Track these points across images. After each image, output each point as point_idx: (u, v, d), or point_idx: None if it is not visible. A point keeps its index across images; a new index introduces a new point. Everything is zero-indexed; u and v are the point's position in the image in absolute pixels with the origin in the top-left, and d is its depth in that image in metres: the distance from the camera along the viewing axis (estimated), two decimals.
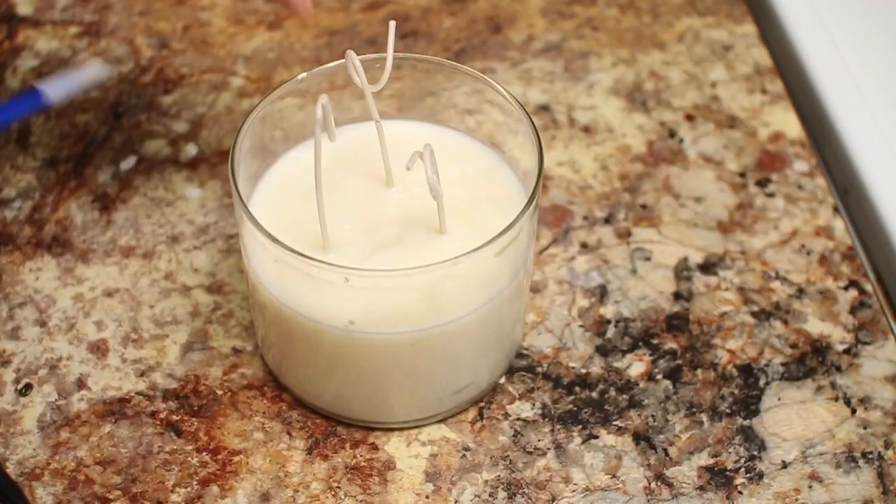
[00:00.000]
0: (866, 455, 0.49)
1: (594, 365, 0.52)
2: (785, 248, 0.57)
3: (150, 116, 0.63)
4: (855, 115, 0.63)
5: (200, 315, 0.54)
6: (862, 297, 0.55)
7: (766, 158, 0.62)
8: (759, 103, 0.65)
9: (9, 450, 0.49)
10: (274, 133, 0.50)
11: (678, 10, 0.71)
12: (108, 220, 0.58)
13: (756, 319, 0.54)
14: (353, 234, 0.47)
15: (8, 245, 0.57)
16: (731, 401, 0.51)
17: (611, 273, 0.56)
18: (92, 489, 0.48)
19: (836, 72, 0.66)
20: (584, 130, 0.63)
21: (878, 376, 0.52)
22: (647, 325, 0.54)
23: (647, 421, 0.50)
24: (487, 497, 0.48)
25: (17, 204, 0.58)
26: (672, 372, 0.52)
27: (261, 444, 0.49)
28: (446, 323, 0.45)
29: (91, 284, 0.55)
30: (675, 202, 0.59)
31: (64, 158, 0.61)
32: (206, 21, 0.69)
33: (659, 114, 0.64)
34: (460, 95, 0.51)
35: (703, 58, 0.67)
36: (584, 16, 0.70)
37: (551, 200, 0.59)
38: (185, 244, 0.57)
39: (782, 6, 0.70)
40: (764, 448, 0.50)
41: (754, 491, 0.48)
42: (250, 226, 0.44)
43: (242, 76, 0.65)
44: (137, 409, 0.50)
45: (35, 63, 0.66)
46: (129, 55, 0.66)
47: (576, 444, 0.50)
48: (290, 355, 0.49)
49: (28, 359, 0.52)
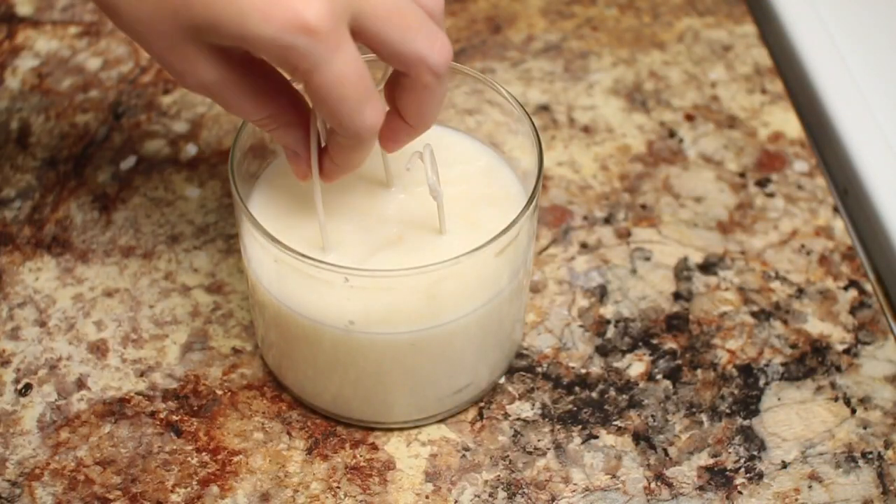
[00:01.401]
0: (866, 455, 0.49)
1: (594, 365, 0.52)
2: (785, 248, 0.57)
3: (150, 116, 0.63)
4: (855, 115, 0.63)
5: (200, 315, 0.54)
6: (862, 297, 0.55)
7: (766, 158, 0.62)
8: (759, 103, 0.65)
9: (9, 450, 0.49)
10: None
11: (678, 10, 0.71)
12: (107, 220, 0.58)
13: (756, 319, 0.54)
14: (353, 234, 0.47)
15: (8, 245, 0.57)
16: (730, 401, 0.51)
17: (611, 273, 0.56)
18: (92, 489, 0.48)
19: (836, 72, 0.66)
20: (583, 130, 0.63)
21: (878, 376, 0.52)
22: (646, 325, 0.54)
23: (647, 421, 0.50)
24: (487, 497, 0.48)
25: (16, 204, 0.58)
26: (672, 372, 0.52)
27: (261, 444, 0.49)
28: (446, 323, 0.45)
29: (91, 284, 0.55)
30: (674, 202, 0.59)
31: (64, 158, 0.61)
32: None
33: (659, 114, 0.64)
34: (460, 95, 0.51)
35: (703, 58, 0.67)
36: (583, 16, 0.70)
37: (551, 200, 0.59)
38: (184, 244, 0.57)
39: (782, 6, 0.70)
40: (764, 448, 0.50)
41: (754, 491, 0.48)
42: (250, 226, 0.44)
43: None
44: (137, 409, 0.50)
45: (35, 63, 0.66)
46: (129, 55, 0.66)
47: (576, 444, 0.50)
48: (289, 355, 0.49)
49: (28, 359, 0.52)
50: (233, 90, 0.42)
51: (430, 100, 0.42)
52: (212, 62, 0.40)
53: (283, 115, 0.43)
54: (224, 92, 0.42)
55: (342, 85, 0.39)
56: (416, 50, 0.40)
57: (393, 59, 0.40)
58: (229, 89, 0.42)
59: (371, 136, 0.41)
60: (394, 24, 0.39)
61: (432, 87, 0.41)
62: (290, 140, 0.44)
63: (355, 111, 0.40)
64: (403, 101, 0.42)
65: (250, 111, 0.43)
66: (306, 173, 0.45)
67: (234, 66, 0.41)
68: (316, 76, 0.38)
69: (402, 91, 0.42)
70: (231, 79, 0.41)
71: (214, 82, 0.41)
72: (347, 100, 0.39)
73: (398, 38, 0.39)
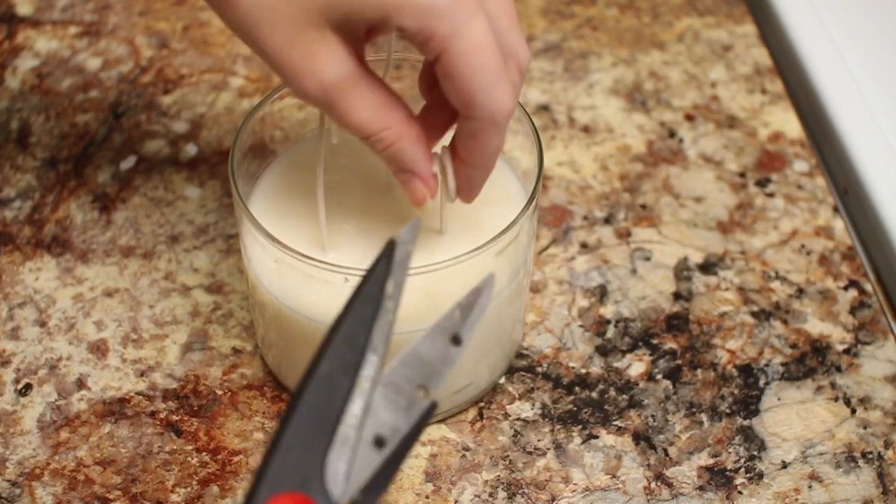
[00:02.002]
0: (866, 455, 0.49)
1: (594, 365, 0.52)
2: (785, 248, 0.57)
3: (150, 116, 0.63)
4: (855, 115, 0.63)
5: (200, 315, 0.54)
6: (862, 297, 0.55)
7: (766, 158, 0.62)
8: (759, 103, 0.65)
9: (9, 450, 0.49)
10: (274, 133, 0.50)
11: (678, 10, 0.71)
12: (107, 220, 0.58)
13: (756, 319, 0.54)
14: (353, 234, 0.47)
15: (8, 245, 0.57)
16: (730, 401, 0.51)
17: (611, 273, 0.56)
18: (92, 489, 0.48)
19: (836, 72, 0.66)
20: (583, 130, 0.63)
21: (878, 376, 0.52)
22: (646, 325, 0.54)
23: (647, 421, 0.50)
24: (487, 497, 0.48)
25: (17, 204, 0.58)
26: (672, 372, 0.52)
27: (261, 444, 0.49)
28: None
29: (91, 284, 0.55)
30: (675, 202, 0.59)
31: (64, 158, 0.61)
32: (205, 21, 0.69)
33: (659, 114, 0.64)
34: None
35: (703, 58, 0.67)
36: (584, 16, 0.70)
37: (551, 200, 0.59)
38: (184, 244, 0.57)
39: (782, 6, 0.70)
40: (764, 448, 0.50)
41: (754, 491, 0.48)
42: (250, 226, 0.44)
43: (242, 76, 0.65)
44: (137, 409, 0.50)
45: (35, 63, 0.66)
46: (129, 55, 0.66)
47: (576, 444, 0.50)
48: (290, 355, 0.49)
49: (28, 359, 0.52)
50: (355, 93, 0.39)
51: (497, 141, 0.40)
52: (337, 54, 0.38)
53: (402, 127, 0.40)
54: (346, 94, 0.39)
55: (480, 53, 0.37)
56: (500, 100, 0.38)
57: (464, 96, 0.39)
58: (352, 91, 0.39)
59: (506, 119, 0.39)
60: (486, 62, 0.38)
61: (501, 131, 0.40)
62: (409, 157, 0.41)
63: (491, 85, 0.38)
64: (469, 144, 0.40)
65: (369, 120, 0.39)
66: (425, 194, 0.42)
67: (358, 62, 0.39)
68: (455, 42, 0.37)
69: (467, 137, 0.40)
70: (354, 77, 0.39)
71: (337, 81, 0.38)
72: (484, 71, 0.37)
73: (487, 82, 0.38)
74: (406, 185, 0.42)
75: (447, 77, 0.38)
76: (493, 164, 0.42)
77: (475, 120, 0.39)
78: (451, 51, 0.37)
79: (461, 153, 0.41)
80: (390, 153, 0.41)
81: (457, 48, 0.37)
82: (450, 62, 0.37)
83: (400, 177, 0.42)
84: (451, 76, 0.38)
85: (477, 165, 0.41)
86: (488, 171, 0.42)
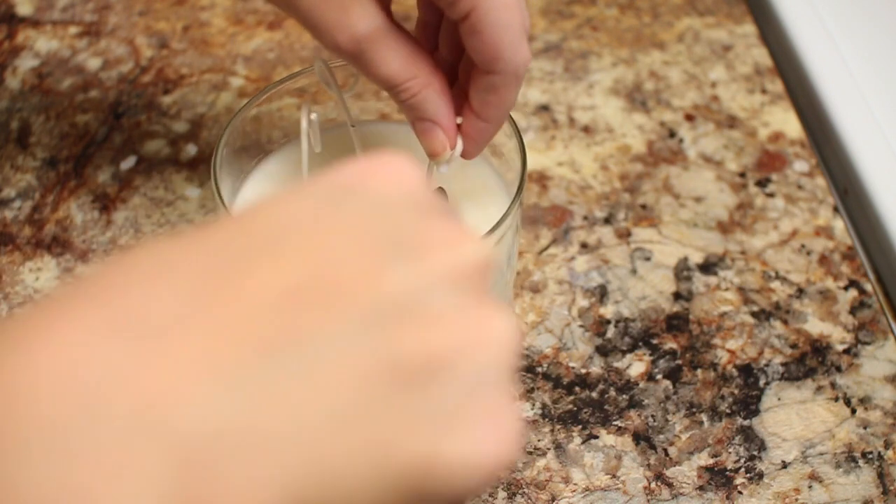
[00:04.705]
0: (866, 455, 0.49)
1: (594, 365, 0.52)
2: (785, 248, 0.57)
3: (150, 116, 0.63)
4: (855, 115, 0.63)
5: None
6: (862, 297, 0.55)
7: (766, 158, 0.62)
8: (759, 103, 0.65)
9: None
10: (261, 133, 0.50)
11: (678, 10, 0.71)
12: (108, 220, 0.58)
13: (756, 319, 0.54)
14: None
15: (8, 245, 0.57)
16: (731, 401, 0.51)
17: (611, 273, 0.56)
18: None
19: (836, 72, 0.66)
20: (584, 130, 0.63)
21: (878, 376, 0.52)
22: (647, 325, 0.54)
23: (647, 421, 0.50)
24: (487, 497, 0.48)
25: (17, 204, 0.58)
26: (672, 372, 0.52)
27: None
28: None
29: None
30: (675, 202, 0.59)
31: (64, 158, 0.61)
32: (206, 21, 0.69)
33: (659, 114, 0.64)
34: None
35: (703, 58, 0.67)
36: (584, 16, 0.70)
37: (551, 200, 0.59)
38: None
39: (782, 6, 0.70)
40: (764, 448, 0.50)
41: (754, 491, 0.48)
42: None
43: (242, 76, 0.65)
44: None
45: (35, 63, 0.66)
46: (129, 55, 0.66)
47: (576, 444, 0.50)
48: None
49: None
50: (385, 44, 0.41)
51: (514, 95, 0.42)
52: (367, 8, 0.40)
53: (428, 77, 0.42)
54: (376, 45, 0.40)
55: (508, 10, 0.39)
56: (525, 54, 0.40)
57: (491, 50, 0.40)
58: (382, 42, 0.41)
59: (524, 74, 0.41)
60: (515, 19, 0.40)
61: (520, 84, 0.41)
62: (433, 106, 0.43)
63: (518, 40, 0.39)
64: (487, 99, 0.42)
65: (398, 71, 0.41)
66: (445, 144, 0.43)
67: (387, 14, 0.41)
68: (486, 0, 0.38)
69: (486, 91, 0.42)
70: (384, 29, 0.40)
71: (368, 33, 0.40)
72: (512, 27, 0.39)
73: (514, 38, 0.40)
74: (426, 134, 0.43)
75: (475, 34, 0.40)
76: (504, 119, 0.43)
77: (499, 74, 0.41)
78: (481, 8, 0.39)
79: (477, 108, 0.43)
80: (415, 101, 0.42)
81: (486, 5, 0.39)
82: (479, 19, 0.39)
83: (420, 126, 0.44)
84: (480, 32, 0.39)
85: (492, 119, 0.43)
86: (500, 126, 0.44)
